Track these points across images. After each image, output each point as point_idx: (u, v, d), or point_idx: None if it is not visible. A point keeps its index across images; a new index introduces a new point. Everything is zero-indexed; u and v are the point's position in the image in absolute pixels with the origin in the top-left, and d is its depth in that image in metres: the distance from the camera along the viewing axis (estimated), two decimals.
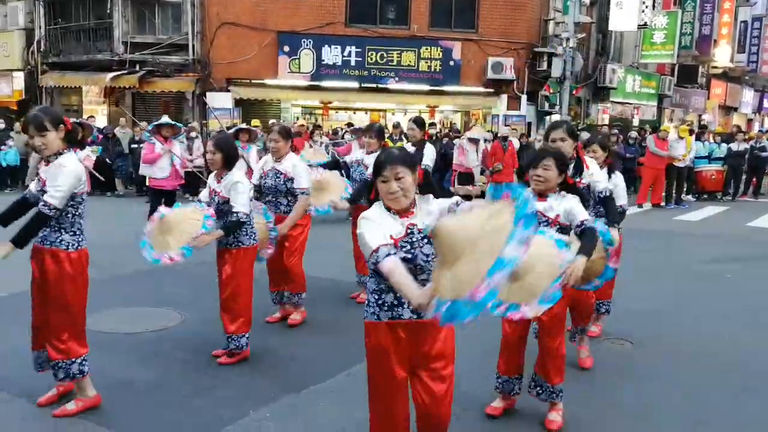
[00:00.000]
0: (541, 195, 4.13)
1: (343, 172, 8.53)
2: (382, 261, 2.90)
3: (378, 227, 3.04)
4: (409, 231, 3.08)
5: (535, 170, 4.09)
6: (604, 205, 5.08)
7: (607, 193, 5.03)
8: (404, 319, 3.13)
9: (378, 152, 6.76)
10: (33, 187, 4.29)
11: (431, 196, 3.20)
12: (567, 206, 4.06)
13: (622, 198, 5.40)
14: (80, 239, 4.25)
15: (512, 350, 4.36)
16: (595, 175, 5.04)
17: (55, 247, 4.15)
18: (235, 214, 5.06)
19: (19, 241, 4.03)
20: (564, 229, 4.07)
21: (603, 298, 5.95)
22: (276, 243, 5.88)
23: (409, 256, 3.04)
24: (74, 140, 4.26)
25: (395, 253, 2.96)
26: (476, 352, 5.14)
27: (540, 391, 4.37)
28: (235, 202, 5.07)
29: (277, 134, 6.06)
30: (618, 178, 5.52)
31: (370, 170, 6.43)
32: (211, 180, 5.31)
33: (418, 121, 7.80)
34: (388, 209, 3.13)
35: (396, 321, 3.15)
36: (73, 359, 4.25)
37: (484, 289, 2.43)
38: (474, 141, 14.72)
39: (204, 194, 5.36)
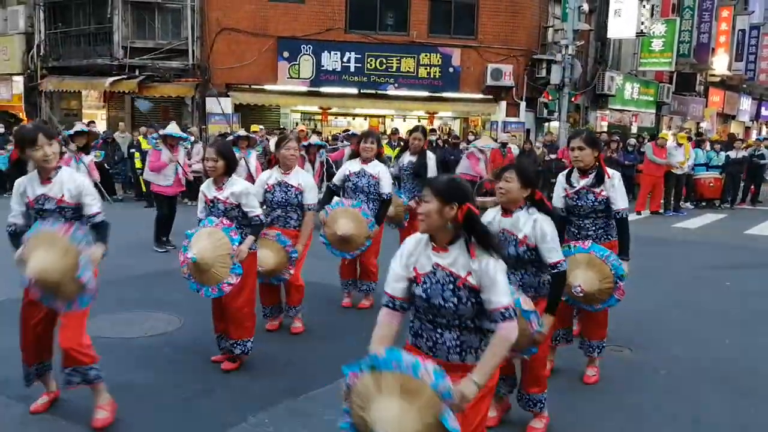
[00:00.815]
0: (506, 210, 4.03)
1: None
2: (382, 307, 3.02)
3: (403, 263, 3.01)
4: (432, 270, 2.94)
5: (498, 182, 4.00)
6: (618, 230, 4.99)
7: (624, 215, 4.92)
8: (422, 351, 3.03)
9: (374, 159, 6.77)
10: (17, 213, 4.17)
11: (487, 257, 2.88)
12: (539, 233, 3.91)
13: (621, 201, 5.01)
14: None
15: None
16: (617, 188, 4.90)
17: None
18: (256, 218, 5.11)
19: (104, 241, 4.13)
20: (531, 250, 3.96)
21: None
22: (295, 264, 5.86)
23: (424, 295, 2.93)
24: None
25: (395, 306, 3.01)
26: None
27: (525, 403, 4.36)
28: (253, 207, 5.11)
29: (295, 142, 5.98)
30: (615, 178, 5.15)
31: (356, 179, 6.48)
32: (208, 189, 5.16)
33: (424, 131, 7.84)
34: (430, 237, 3.00)
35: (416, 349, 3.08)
36: (93, 364, 4.21)
37: None
38: (482, 151, 14.70)
39: (200, 208, 5.23)
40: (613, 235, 5.05)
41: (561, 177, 5.17)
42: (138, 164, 14.95)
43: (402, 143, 16.12)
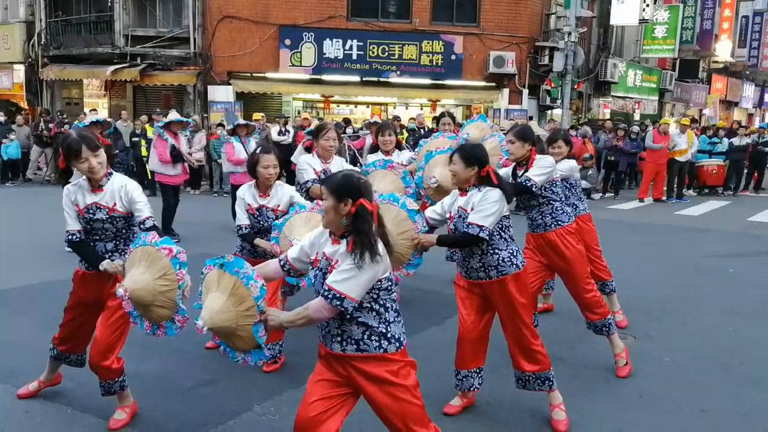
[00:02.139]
0: (462, 190, 4.13)
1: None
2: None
3: (310, 237, 3.32)
4: (319, 259, 3.17)
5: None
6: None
7: (524, 183, 4.86)
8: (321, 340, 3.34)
9: (396, 151, 6.71)
10: (75, 220, 4.05)
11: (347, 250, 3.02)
12: (475, 199, 4.02)
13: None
14: None
15: (470, 344, 4.32)
16: (532, 169, 4.91)
17: None
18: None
19: None
20: None
21: (604, 278, 6.20)
22: None
23: (313, 279, 3.20)
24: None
25: (283, 264, 3.41)
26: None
27: (521, 384, 4.37)
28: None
29: (334, 132, 5.85)
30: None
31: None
32: (254, 197, 5.07)
33: (452, 117, 7.97)
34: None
35: None
36: (117, 378, 4.20)
37: None
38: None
39: (242, 217, 5.07)
40: (564, 221, 5.07)
41: (507, 170, 5.21)
42: (144, 152, 14.94)
43: (404, 130, 16.27)
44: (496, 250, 4.11)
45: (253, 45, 20.05)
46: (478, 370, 4.38)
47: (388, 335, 3.06)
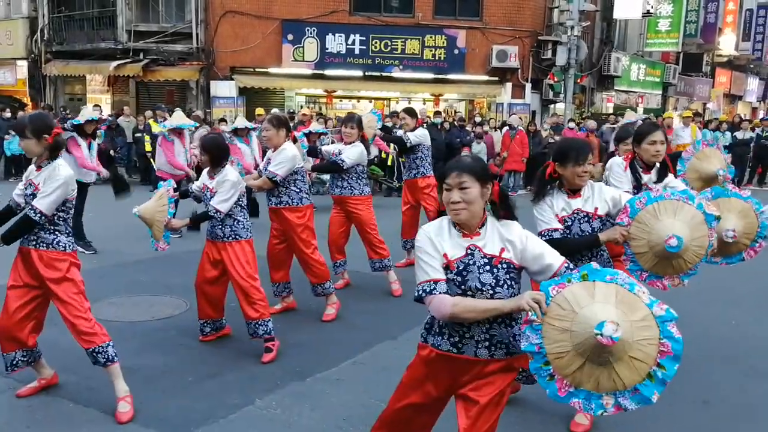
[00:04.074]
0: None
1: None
2: (430, 296, 2.73)
3: (432, 253, 2.79)
4: (468, 252, 2.76)
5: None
6: None
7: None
8: (442, 350, 2.86)
9: (357, 143, 6.71)
10: (18, 190, 4.28)
11: (515, 224, 2.84)
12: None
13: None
14: (72, 240, 4.28)
15: None
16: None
17: (53, 249, 4.15)
18: (210, 207, 5.07)
19: (6, 238, 4.14)
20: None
21: None
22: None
23: (459, 278, 2.74)
24: (57, 151, 4.21)
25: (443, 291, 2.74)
26: None
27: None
28: (215, 200, 5.06)
29: (267, 123, 5.85)
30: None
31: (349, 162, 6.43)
32: (204, 177, 5.28)
33: (411, 111, 7.98)
34: (454, 225, 2.83)
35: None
36: (106, 343, 4.22)
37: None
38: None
39: (196, 185, 5.36)
40: None
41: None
42: (148, 147, 14.90)
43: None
44: None
45: (255, 40, 20.05)
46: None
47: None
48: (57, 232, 4.16)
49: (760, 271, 8.43)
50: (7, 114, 17.28)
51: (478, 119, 18.00)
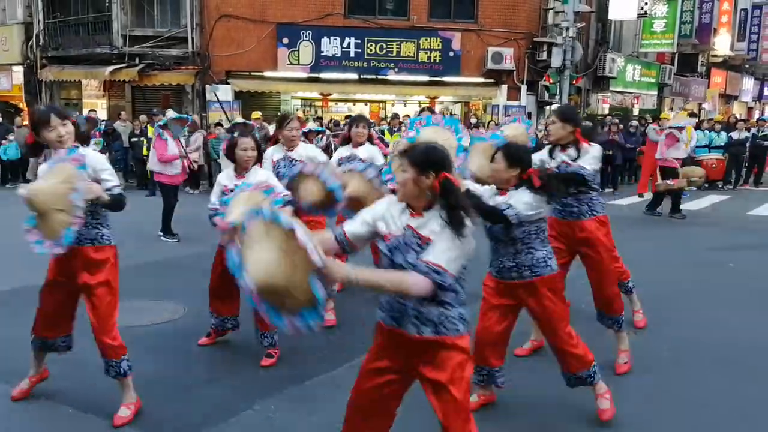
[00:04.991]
0: (501, 189, 4.01)
1: None
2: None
3: (372, 211, 3.09)
4: (404, 230, 2.96)
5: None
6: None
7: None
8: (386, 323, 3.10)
9: (366, 144, 6.73)
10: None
11: (442, 224, 2.89)
12: (512, 200, 3.91)
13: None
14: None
15: (488, 344, 4.27)
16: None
17: (98, 244, 4.14)
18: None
19: (114, 203, 4.06)
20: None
21: (621, 279, 6.04)
22: None
23: (389, 254, 2.96)
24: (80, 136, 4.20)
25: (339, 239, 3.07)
26: None
27: (567, 383, 4.34)
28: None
29: (296, 122, 6.07)
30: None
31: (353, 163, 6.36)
32: (229, 178, 5.22)
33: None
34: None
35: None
36: (124, 356, 4.24)
37: None
38: (681, 128, 13.06)
39: (215, 192, 5.24)
40: (599, 211, 5.14)
41: (543, 153, 5.12)
42: (145, 152, 14.91)
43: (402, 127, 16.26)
44: (532, 250, 4.04)
45: (250, 44, 20.04)
46: (498, 369, 4.35)
47: (462, 317, 3.00)
48: (99, 226, 4.15)
49: (760, 273, 8.48)
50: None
51: (473, 121, 18.01)
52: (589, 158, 4.80)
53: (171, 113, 10.65)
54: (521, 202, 3.85)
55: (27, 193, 3.72)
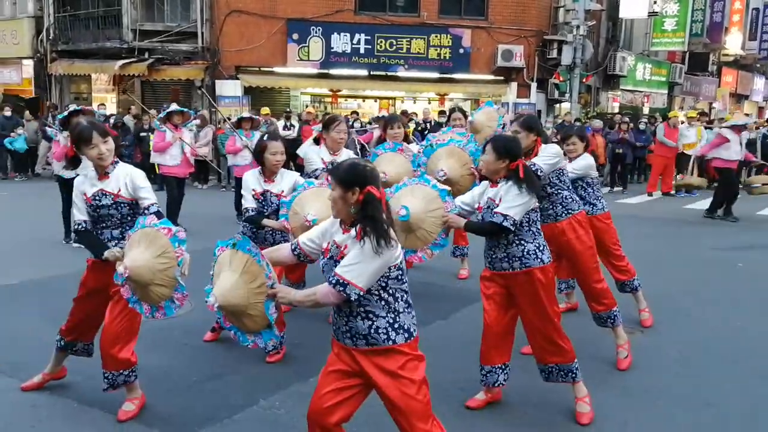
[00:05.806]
0: (493, 181, 4.15)
1: None
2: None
3: (321, 227, 3.31)
4: (331, 245, 3.12)
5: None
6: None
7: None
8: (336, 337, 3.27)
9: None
10: (82, 211, 4.13)
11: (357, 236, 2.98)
12: (503, 192, 4.04)
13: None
14: None
15: (494, 338, 4.30)
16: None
17: None
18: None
19: None
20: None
21: (622, 279, 6.04)
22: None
23: (326, 267, 3.10)
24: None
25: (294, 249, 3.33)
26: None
27: (545, 375, 4.37)
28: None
29: (344, 125, 5.98)
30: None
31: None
32: (257, 182, 5.20)
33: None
34: None
35: None
36: (123, 370, 4.21)
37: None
38: (738, 129, 12.59)
39: (247, 199, 5.19)
40: (575, 209, 5.19)
41: None
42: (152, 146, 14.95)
43: (417, 124, 16.41)
44: (522, 242, 4.11)
45: (260, 39, 20.05)
46: (503, 366, 4.35)
47: (396, 325, 3.04)
48: None
49: (761, 273, 8.44)
50: (8, 113, 17.31)
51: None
52: (545, 156, 4.83)
53: (173, 106, 10.66)
54: (513, 205, 3.98)
55: (128, 273, 3.60)
